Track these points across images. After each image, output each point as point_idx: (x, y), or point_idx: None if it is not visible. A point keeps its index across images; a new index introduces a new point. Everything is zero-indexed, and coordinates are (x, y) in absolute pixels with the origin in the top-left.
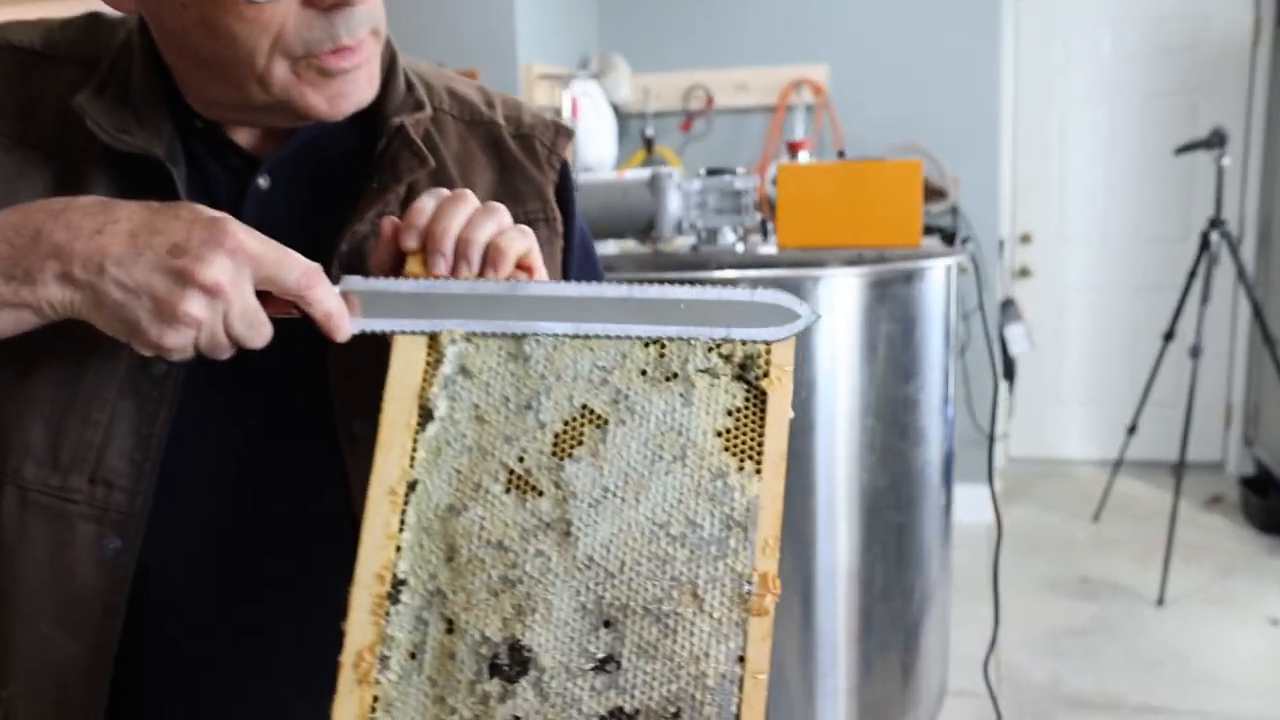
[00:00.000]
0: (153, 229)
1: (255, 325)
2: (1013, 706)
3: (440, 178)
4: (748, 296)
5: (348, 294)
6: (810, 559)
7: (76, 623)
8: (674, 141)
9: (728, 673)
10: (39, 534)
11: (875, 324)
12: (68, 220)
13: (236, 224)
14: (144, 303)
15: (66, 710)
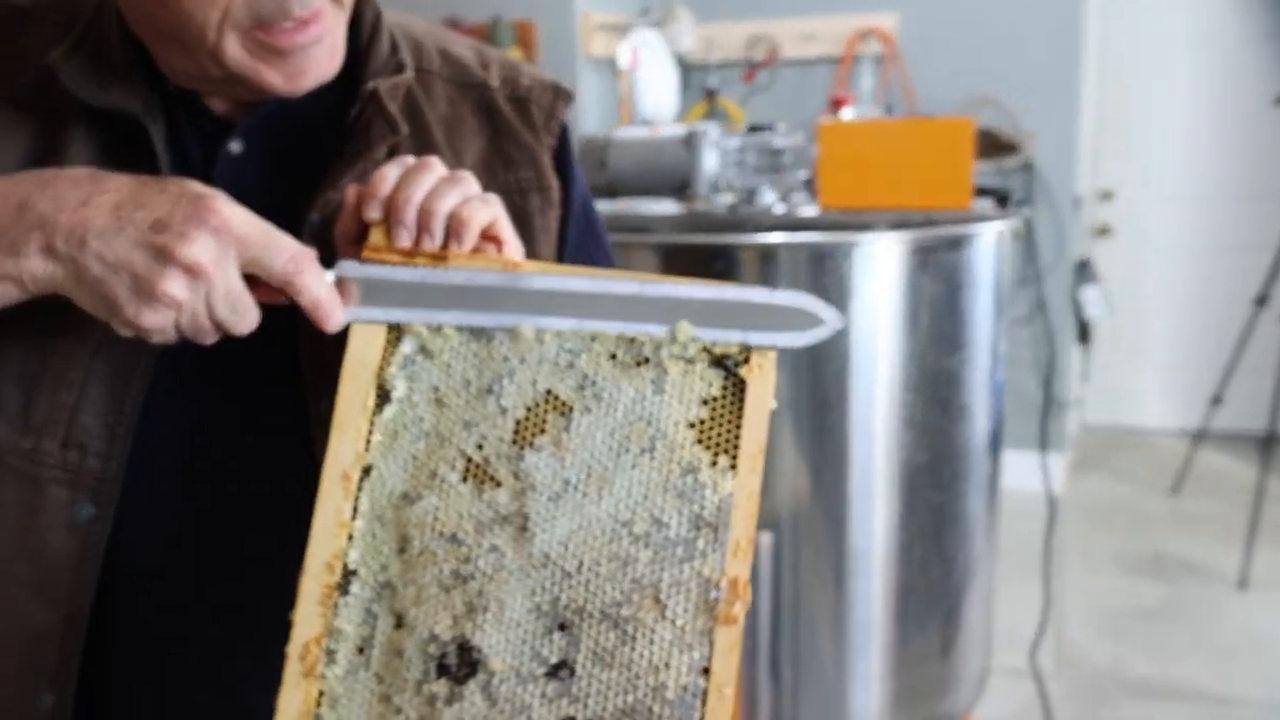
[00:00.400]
0: (138, 203)
1: (239, 310)
2: (1070, 690)
3: (424, 142)
4: (766, 297)
5: (342, 280)
6: (843, 539)
7: (48, 591)
8: (736, 93)
9: (690, 685)
10: (10, 498)
11: (918, 292)
12: (55, 191)
13: (224, 202)
14: (123, 279)
15: (37, 679)
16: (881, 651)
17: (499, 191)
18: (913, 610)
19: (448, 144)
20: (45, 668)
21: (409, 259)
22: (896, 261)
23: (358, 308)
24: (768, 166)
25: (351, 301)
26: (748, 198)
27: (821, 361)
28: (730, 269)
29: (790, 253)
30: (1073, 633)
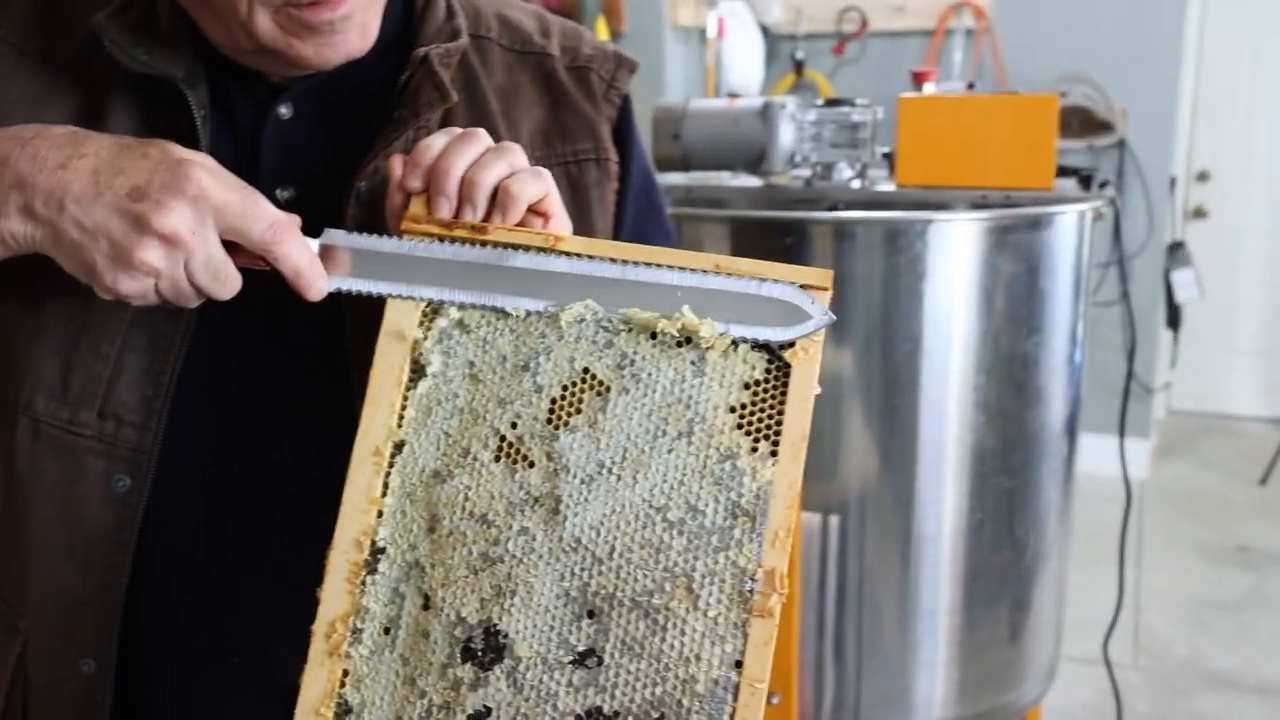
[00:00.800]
0: (117, 168)
1: (220, 277)
2: (1146, 680)
3: (479, 111)
4: (754, 289)
5: (330, 248)
6: (910, 523)
7: (85, 560)
8: (825, 65)
9: (721, 679)
10: (50, 468)
11: (994, 274)
12: (35, 151)
13: (204, 168)
14: (101, 245)
15: (77, 645)
16: (948, 638)
17: (554, 163)
18: (981, 596)
19: (503, 113)
20: (86, 635)
21: (448, 230)
22: (972, 241)
23: (344, 278)
24: (845, 141)
25: (339, 271)
26: (824, 173)
27: (893, 341)
28: (802, 245)
29: (863, 230)
30: (1151, 622)
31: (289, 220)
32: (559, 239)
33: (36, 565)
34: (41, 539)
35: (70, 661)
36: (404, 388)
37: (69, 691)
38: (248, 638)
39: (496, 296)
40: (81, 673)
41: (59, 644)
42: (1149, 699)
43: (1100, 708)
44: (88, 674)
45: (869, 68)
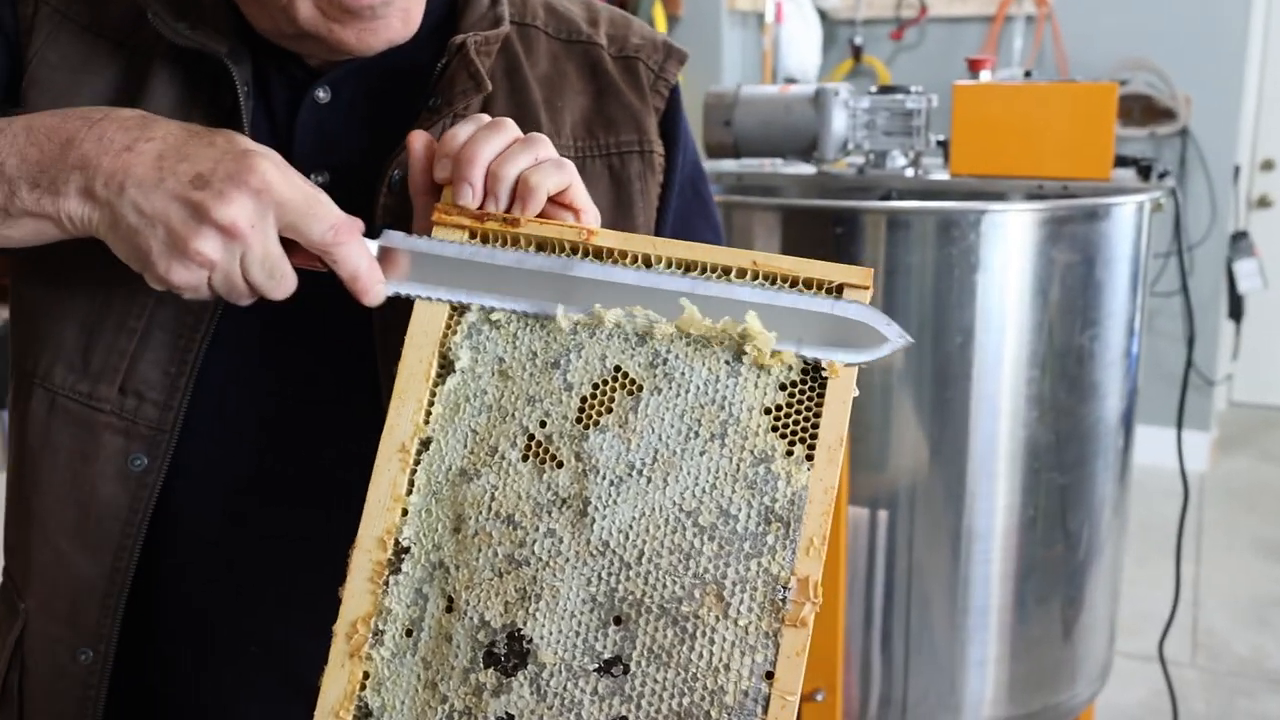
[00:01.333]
0: (181, 154)
1: (275, 275)
2: (1204, 679)
3: (520, 101)
4: (828, 307)
5: (388, 250)
6: (961, 519)
7: (94, 542)
8: (883, 51)
9: (751, 690)
10: (63, 442)
11: (1049, 265)
12: (101, 132)
13: (270, 162)
14: (158, 232)
15: (79, 632)
16: (998, 636)
17: (597, 154)
18: (1033, 593)
19: (546, 102)
20: (86, 622)
21: (479, 221)
22: (1028, 232)
23: (401, 282)
24: (899, 129)
25: (397, 274)
26: (877, 161)
27: (945, 333)
28: (853, 235)
29: (916, 220)
30: (1210, 619)
31: (351, 222)
32: (592, 232)
33: (43, 543)
34: (50, 516)
35: (68, 650)
36: (432, 383)
37: (66, 681)
38: (269, 631)
39: (559, 307)
40: (79, 663)
41: (58, 630)
42: (1207, 699)
43: (1156, 707)
44: (85, 664)
45: (928, 54)
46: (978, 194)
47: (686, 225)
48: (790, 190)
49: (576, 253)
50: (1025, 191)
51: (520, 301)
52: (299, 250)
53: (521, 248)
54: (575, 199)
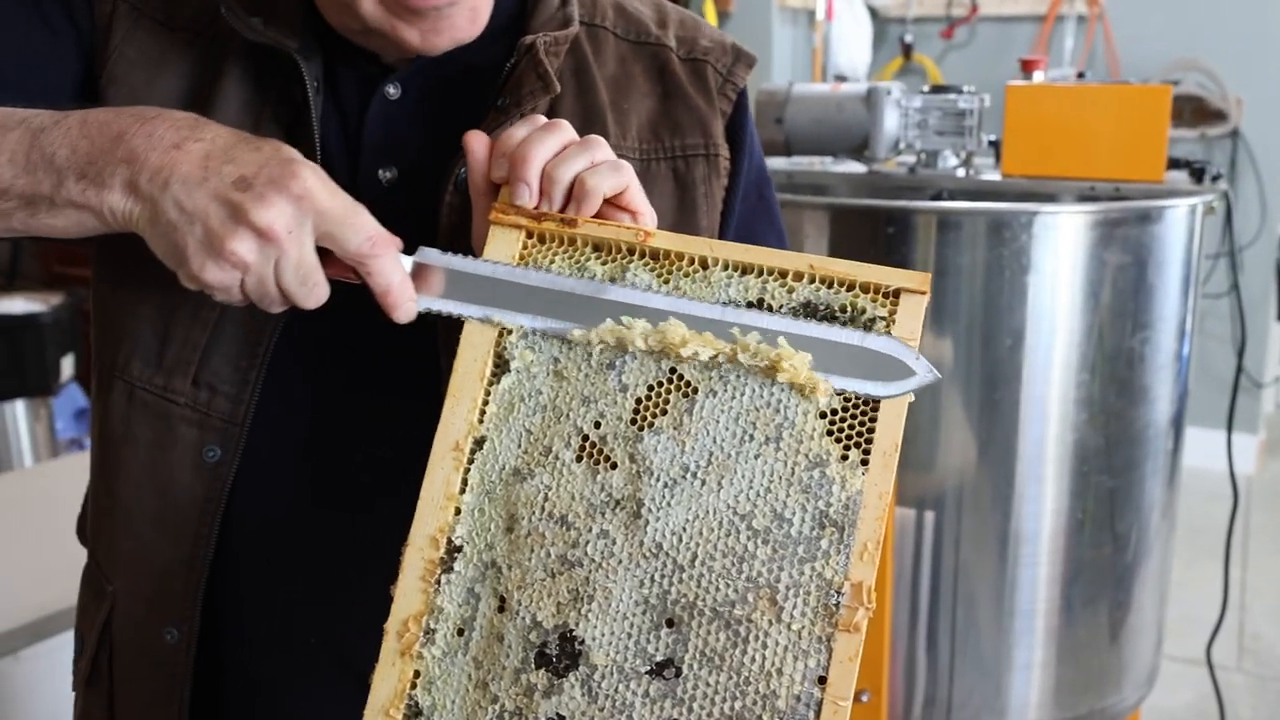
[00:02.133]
0: (228, 156)
1: (308, 282)
2: (1252, 683)
3: (588, 102)
4: (858, 340)
5: (423, 267)
6: (1008, 521)
7: (174, 528)
8: (933, 50)
9: (803, 695)
10: (142, 433)
11: (1100, 268)
12: (151, 129)
13: (312, 171)
14: (195, 230)
15: (164, 612)
16: (1045, 639)
17: (662, 157)
18: (1080, 596)
19: (613, 104)
20: (171, 603)
21: (537, 222)
22: (1079, 234)
23: (434, 299)
24: (951, 129)
25: (431, 291)
26: (929, 160)
27: (995, 335)
28: (904, 235)
29: (967, 220)
30: (1256, 623)
31: (388, 238)
32: (649, 234)
33: (126, 530)
34: (132, 504)
35: (155, 630)
36: (486, 382)
37: (153, 660)
38: (328, 621)
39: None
40: (165, 642)
41: (144, 612)
42: (1253, 703)
43: (1203, 710)
44: (171, 643)
45: (978, 53)
46: (1029, 195)
47: (750, 230)
48: (840, 189)
49: (634, 254)
50: (1077, 193)
51: (551, 322)
52: (334, 261)
53: (570, 255)
54: (632, 201)
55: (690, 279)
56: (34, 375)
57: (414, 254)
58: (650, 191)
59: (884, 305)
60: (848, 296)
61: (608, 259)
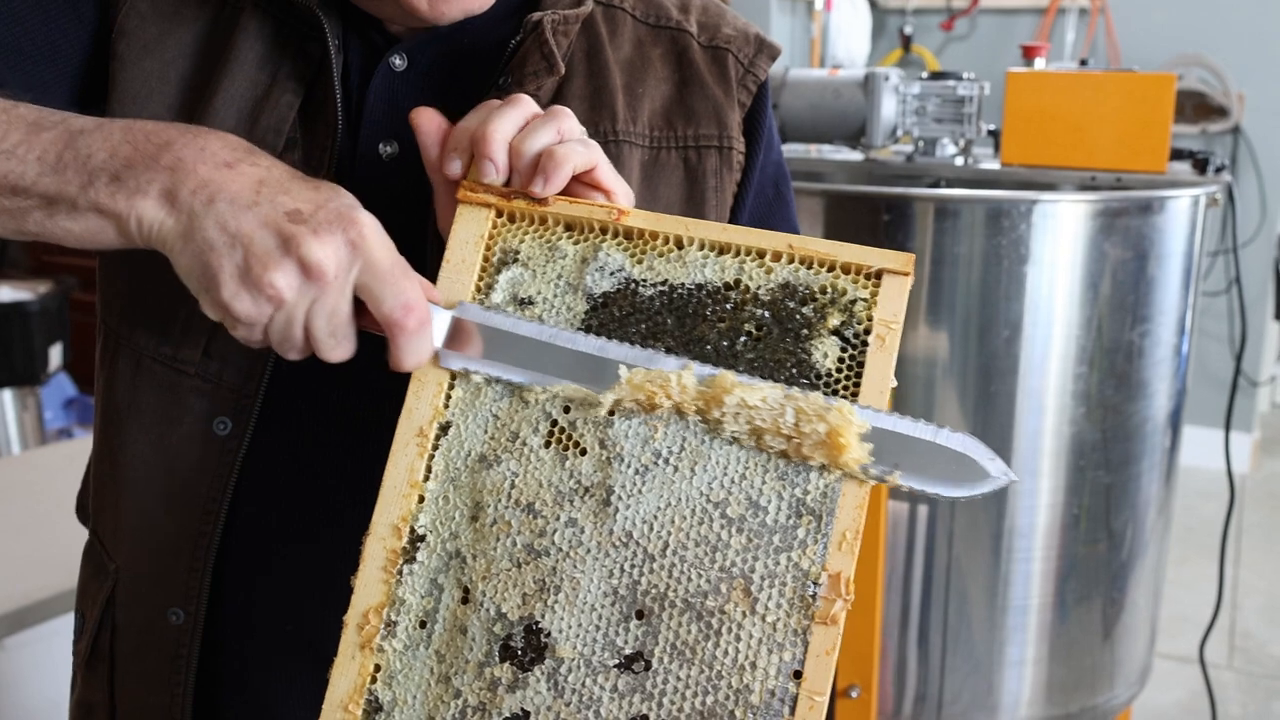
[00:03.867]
0: (284, 188)
1: (338, 334)
2: (1242, 681)
3: (598, 85)
4: (930, 435)
5: (461, 323)
6: (1003, 516)
7: (181, 505)
8: (933, 41)
9: (778, 689)
10: (149, 404)
11: (1100, 259)
12: (204, 144)
13: (372, 223)
14: (235, 255)
15: (169, 592)
16: (1038, 636)
17: (672, 146)
18: (1074, 593)
19: (625, 88)
20: (176, 583)
21: (507, 201)
22: (1079, 224)
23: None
24: (950, 116)
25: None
26: (926, 148)
27: (992, 326)
28: (901, 223)
29: (965, 208)
30: (1247, 622)
31: (424, 312)
32: (623, 212)
33: (131, 505)
34: (137, 477)
35: (159, 610)
36: None
37: (156, 641)
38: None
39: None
40: (169, 623)
41: (149, 590)
42: (1243, 701)
43: (1193, 708)
44: (175, 625)
45: (978, 45)
46: (1029, 184)
47: (764, 227)
48: (837, 176)
49: (606, 233)
50: (1077, 183)
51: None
52: (366, 312)
53: (540, 234)
54: (603, 179)
55: (665, 259)
56: (21, 364)
57: (455, 309)
58: (658, 181)
59: (865, 286)
60: (828, 277)
61: (579, 238)
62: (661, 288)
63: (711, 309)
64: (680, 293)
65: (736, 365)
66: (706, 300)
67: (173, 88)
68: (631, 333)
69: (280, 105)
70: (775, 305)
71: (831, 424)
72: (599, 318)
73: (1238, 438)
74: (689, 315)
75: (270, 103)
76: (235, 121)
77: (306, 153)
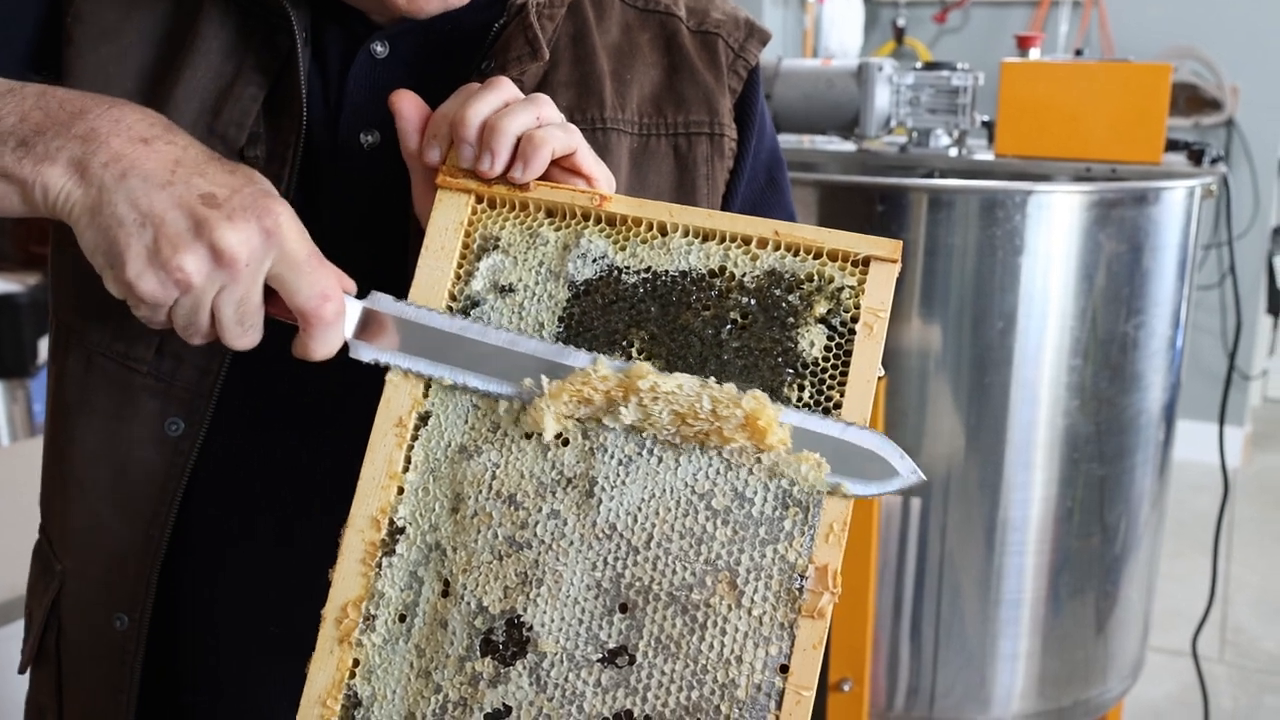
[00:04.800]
0: (200, 170)
1: (245, 322)
2: (1234, 675)
3: (585, 70)
4: (839, 431)
5: (373, 314)
6: (996, 508)
7: (131, 506)
8: (926, 34)
9: (764, 684)
10: (100, 402)
11: (1095, 250)
12: (120, 115)
13: (287, 209)
14: (144, 234)
15: (114, 597)
16: (1030, 629)
17: (663, 133)
18: (1067, 586)
19: (613, 74)
20: (122, 588)
21: (487, 187)
22: (1074, 215)
23: (380, 350)
24: (944, 106)
25: (384, 340)
26: (920, 139)
27: (986, 318)
28: (894, 213)
29: (960, 199)
30: (1238, 615)
31: (339, 306)
32: (605, 198)
33: (79, 505)
34: (86, 477)
35: (104, 614)
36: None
37: (101, 646)
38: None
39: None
40: (114, 628)
41: (95, 593)
42: (1234, 695)
43: (1185, 701)
44: (120, 630)
45: (971, 37)
46: (1023, 175)
47: (757, 214)
48: (830, 167)
49: (589, 219)
50: (1072, 174)
51: (494, 384)
52: (278, 300)
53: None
54: (583, 164)
55: (648, 246)
56: (10, 356)
57: (366, 298)
58: (648, 169)
59: (852, 274)
60: (815, 265)
61: (561, 224)
62: (645, 275)
63: (696, 297)
64: (664, 280)
65: (721, 354)
66: (691, 288)
67: (131, 77)
68: (614, 321)
69: (244, 98)
70: (761, 293)
71: (747, 409)
72: (581, 305)
73: (1229, 432)
74: (673, 303)
75: (234, 95)
76: (197, 114)
77: (270, 148)
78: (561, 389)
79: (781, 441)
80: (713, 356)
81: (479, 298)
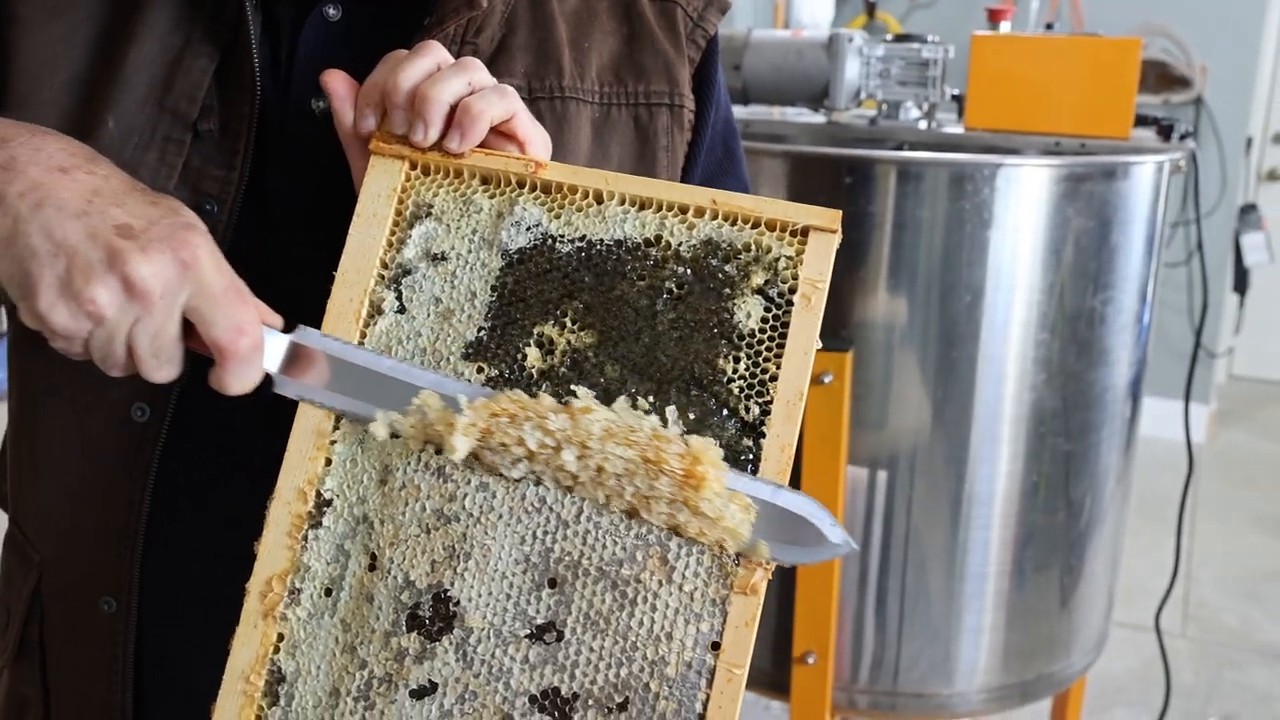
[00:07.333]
0: (118, 200)
1: (161, 356)
2: (1195, 649)
3: (543, 36)
4: (769, 495)
5: (299, 348)
6: (962, 483)
7: (102, 492)
8: (898, 8)
9: (694, 661)
10: (66, 389)
11: (1063, 225)
12: (41, 144)
13: (208, 243)
14: (57, 264)
15: (99, 581)
16: (995, 603)
17: (623, 103)
18: (1032, 561)
19: (571, 41)
20: (106, 571)
21: (420, 153)
22: (1043, 189)
23: (305, 386)
24: (914, 79)
25: (310, 376)
26: (890, 112)
27: (953, 291)
28: (862, 185)
29: (928, 171)
30: (1201, 591)
31: (256, 342)
32: (540, 165)
33: (51, 493)
34: (56, 464)
35: (89, 600)
36: (361, 323)
37: (90, 630)
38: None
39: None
40: (102, 612)
41: (77, 580)
42: (1195, 669)
43: (1146, 676)
44: (108, 613)
45: (943, 12)
46: (992, 149)
47: (714, 185)
48: (799, 139)
49: (524, 186)
50: (1041, 148)
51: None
52: (194, 334)
53: (455, 188)
54: (519, 129)
55: (584, 214)
56: None
57: (293, 332)
58: (609, 140)
59: (791, 244)
60: (752, 234)
61: (496, 192)
62: (579, 244)
63: (631, 266)
64: (599, 249)
65: (656, 325)
66: (626, 257)
67: (80, 56)
68: (548, 291)
69: (194, 70)
70: (697, 263)
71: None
72: (514, 274)
73: (1196, 409)
74: (607, 273)
75: (184, 68)
76: (147, 89)
77: (224, 119)
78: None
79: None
80: (647, 328)
81: (411, 266)
